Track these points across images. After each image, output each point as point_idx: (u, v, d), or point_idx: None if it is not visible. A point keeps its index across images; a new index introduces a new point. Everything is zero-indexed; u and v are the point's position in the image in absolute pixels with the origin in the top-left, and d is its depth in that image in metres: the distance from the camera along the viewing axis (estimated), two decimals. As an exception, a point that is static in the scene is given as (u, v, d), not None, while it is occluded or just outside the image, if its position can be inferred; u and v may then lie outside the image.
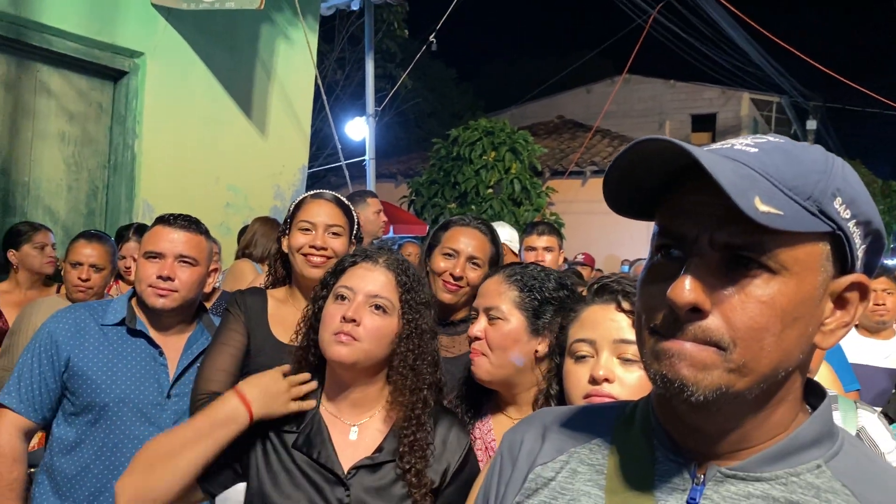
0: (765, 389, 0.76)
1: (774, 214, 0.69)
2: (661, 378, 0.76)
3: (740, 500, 0.77)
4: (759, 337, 0.73)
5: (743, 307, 0.73)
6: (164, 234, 2.18)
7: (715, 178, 0.68)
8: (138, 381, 2.12)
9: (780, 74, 19.01)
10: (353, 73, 13.90)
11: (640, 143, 0.74)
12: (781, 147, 0.78)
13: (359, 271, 1.62)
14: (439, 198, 11.82)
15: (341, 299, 1.59)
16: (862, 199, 0.77)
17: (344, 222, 2.30)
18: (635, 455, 0.86)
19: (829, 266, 0.76)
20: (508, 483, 0.94)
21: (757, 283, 0.73)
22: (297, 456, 1.55)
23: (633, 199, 0.82)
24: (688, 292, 0.73)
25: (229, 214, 5.62)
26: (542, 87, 18.91)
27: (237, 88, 5.81)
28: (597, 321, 1.39)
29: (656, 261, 0.80)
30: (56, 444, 2.11)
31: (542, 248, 3.79)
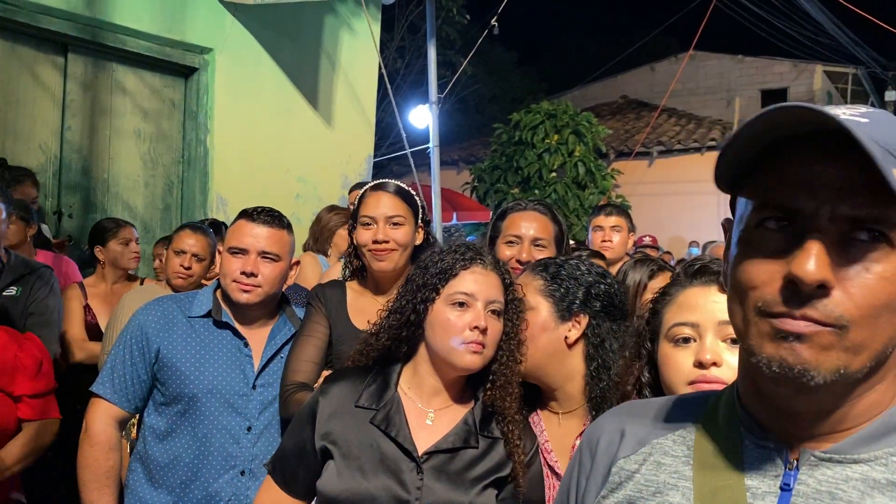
0: (874, 369, 0.73)
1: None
2: (778, 363, 0.72)
3: (839, 483, 0.74)
4: (877, 314, 0.70)
5: (864, 283, 0.70)
6: (248, 230, 2.20)
7: (867, 150, 0.64)
8: (225, 372, 2.16)
9: (856, 44, 18.16)
10: (414, 62, 13.92)
11: (773, 112, 0.70)
12: (886, 117, 0.74)
13: (473, 276, 1.64)
14: (502, 183, 11.76)
15: (461, 306, 1.61)
16: None
17: (405, 210, 2.28)
18: (722, 443, 0.83)
19: None
20: (589, 478, 0.92)
21: (878, 256, 0.70)
22: (375, 433, 1.58)
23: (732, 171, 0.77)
24: (817, 268, 0.69)
25: (299, 205, 5.71)
26: (605, 67, 18.55)
27: (303, 80, 5.89)
28: (698, 303, 1.34)
29: (758, 234, 0.75)
30: (148, 432, 2.17)
31: (609, 228, 3.71)
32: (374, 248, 2.24)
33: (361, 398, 1.63)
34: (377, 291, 2.31)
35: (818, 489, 0.75)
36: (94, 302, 3.77)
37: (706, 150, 13.91)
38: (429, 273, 1.66)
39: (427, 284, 1.64)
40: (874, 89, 22.10)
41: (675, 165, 13.80)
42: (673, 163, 13.81)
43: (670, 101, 14.38)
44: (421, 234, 2.34)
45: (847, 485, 0.74)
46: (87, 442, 2.12)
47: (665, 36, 19.59)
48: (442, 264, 1.65)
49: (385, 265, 2.24)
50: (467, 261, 1.65)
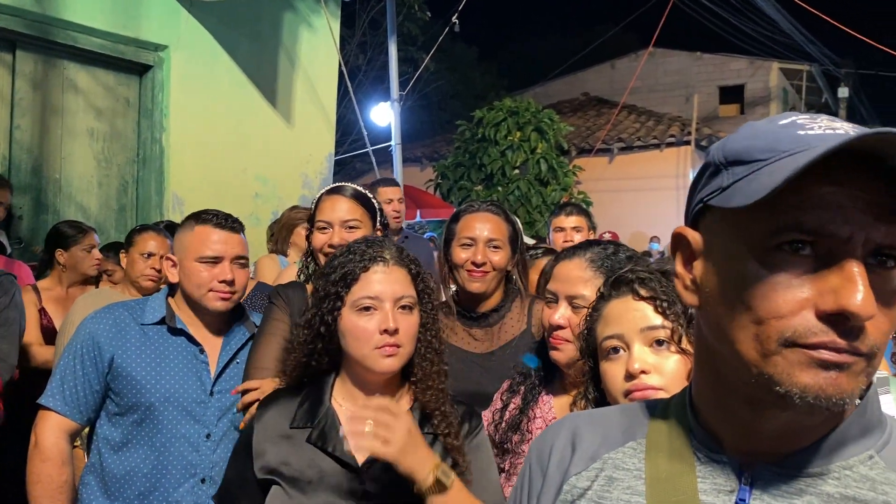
0: None
1: None
2: (815, 394, 0.68)
3: (793, 498, 0.74)
4: (888, 340, 0.70)
5: (889, 312, 0.69)
6: (219, 237, 2.17)
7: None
8: (182, 380, 2.12)
9: (810, 42, 18.57)
10: (375, 58, 13.84)
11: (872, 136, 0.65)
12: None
13: (376, 276, 1.59)
14: (465, 180, 11.77)
15: (367, 310, 1.57)
16: None
17: (361, 214, 2.26)
18: (674, 456, 0.81)
19: None
20: (540, 495, 0.90)
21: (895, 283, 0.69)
22: (312, 451, 1.55)
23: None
24: (868, 302, 0.66)
25: (258, 205, 5.64)
26: (566, 64, 18.69)
27: (261, 78, 5.81)
28: (620, 315, 1.35)
29: (778, 258, 0.70)
30: (102, 444, 2.11)
31: (570, 229, 3.74)
32: (329, 251, 2.22)
33: (296, 419, 1.59)
34: None
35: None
36: (49, 305, 3.70)
37: (665, 147, 14.12)
38: (330, 281, 1.60)
39: (330, 294, 1.59)
40: (827, 86, 22.63)
41: (636, 162, 13.98)
42: (633, 159, 13.98)
43: (630, 97, 14.54)
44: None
45: (801, 500, 0.74)
46: (38, 457, 2.05)
47: (625, 33, 19.82)
48: (342, 270, 1.60)
49: None
50: (367, 261, 1.59)
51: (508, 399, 1.92)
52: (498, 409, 1.92)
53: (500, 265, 2.34)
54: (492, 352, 2.27)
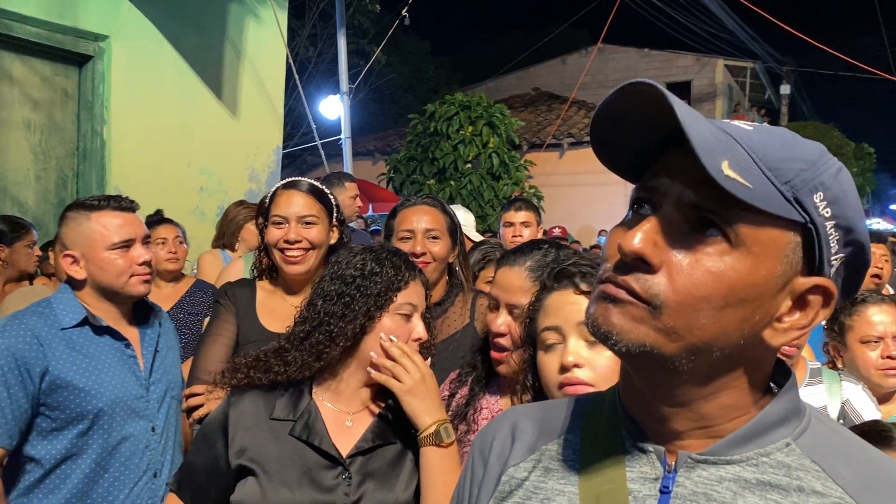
0: (700, 366, 0.75)
1: (740, 183, 0.67)
2: (592, 322, 0.76)
3: (713, 484, 0.77)
4: (697, 306, 0.71)
5: (690, 272, 0.72)
6: (123, 220, 2.11)
7: (686, 130, 0.66)
8: (121, 379, 2.06)
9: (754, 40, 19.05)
10: (326, 50, 13.71)
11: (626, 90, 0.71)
12: (778, 133, 0.76)
13: (417, 287, 1.64)
14: (418, 174, 11.76)
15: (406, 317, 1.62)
16: (848, 205, 0.75)
17: (318, 210, 2.24)
18: (606, 447, 0.85)
19: (796, 260, 0.74)
20: (481, 486, 0.92)
21: (711, 251, 0.72)
22: (295, 444, 1.54)
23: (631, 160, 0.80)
24: (637, 242, 0.72)
25: (203, 199, 5.54)
26: (518, 59, 18.80)
27: (207, 69, 5.70)
28: (559, 307, 1.38)
29: (628, 215, 0.79)
30: (33, 467, 1.96)
31: (519, 224, 3.81)
32: (285, 247, 2.20)
33: (276, 410, 1.57)
34: (288, 292, 2.28)
35: (694, 491, 0.77)
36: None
37: (615, 142, 14.28)
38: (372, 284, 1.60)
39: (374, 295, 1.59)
40: (770, 83, 23.24)
41: (585, 157, 14.13)
42: (583, 154, 14.15)
43: (580, 93, 14.70)
44: (335, 233, 2.31)
45: (721, 486, 0.77)
46: None
47: (576, 29, 20.03)
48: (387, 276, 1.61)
49: (299, 268, 2.21)
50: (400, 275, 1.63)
51: (455, 389, 1.95)
52: (445, 398, 1.95)
53: (441, 255, 2.35)
54: (433, 345, 2.29)
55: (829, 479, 0.76)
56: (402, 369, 1.55)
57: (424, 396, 1.55)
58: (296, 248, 2.20)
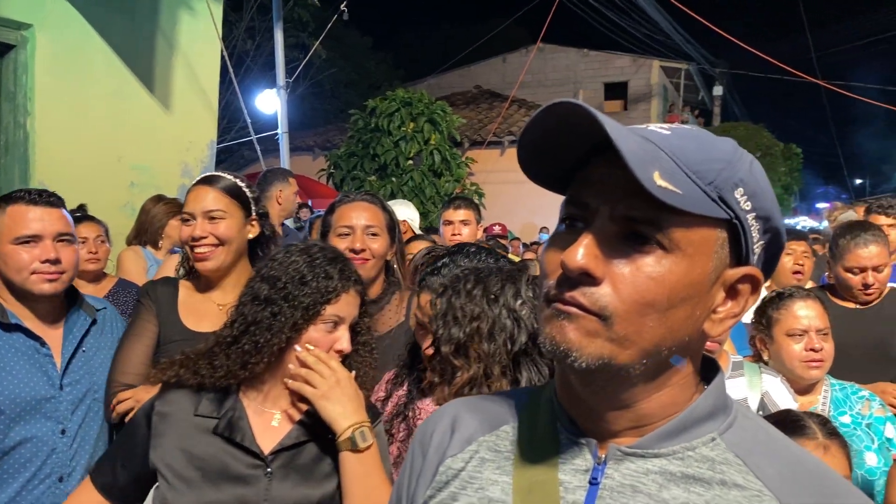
0: (650, 367, 0.78)
1: (672, 191, 0.70)
2: (549, 341, 0.77)
3: (640, 476, 0.79)
4: (644, 312, 0.74)
5: (633, 280, 0.74)
6: (34, 215, 2.02)
7: (617, 146, 0.68)
8: (26, 378, 1.98)
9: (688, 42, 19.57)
10: (265, 44, 13.47)
11: (554, 108, 0.74)
12: (694, 134, 0.79)
13: (348, 299, 1.62)
14: (359, 170, 11.67)
15: (329, 330, 1.60)
16: (764, 196, 0.79)
17: (227, 204, 2.19)
18: (540, 439, 0.86)
19: (724, 254, 0.78)
20: (419, 477, 0.94)
21: (649, 259, 0.74)
22: (218, 442, 1.55)
23: (556, 172, 0.82)
24: (580, 257, 0.74)
25: (134, 194, 5.36)
26: (459, 56, 18.85)
27: (137, 61, 5.53)
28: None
29: (559, 230, 0.81)
30: None
31: (458, 222, 3.80)
32: (193, 244, 2.17)
33: (200, 406, 1.57)
34: (208, 289, 2.25)
35: (622, 482, 0.79)
36: None
37: (554, 140, 14.47)
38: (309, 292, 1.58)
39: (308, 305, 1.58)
40: (704, 84, 23.92)
41: (526, 154, 14.29)
42: (523, 152, 14.27)
43: (521, 92, 14.85)
44: (255, 227, 2.27)
45: (647, 478, 0.79)
46: None
47: (517, 28, 20.19)
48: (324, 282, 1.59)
49: (207, 265, 2.18)
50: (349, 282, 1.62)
51: (392, 391, 1.95)
52: (381, 398, 1.94)
53: (380, 252, 2.34)
54: (383, 335, 2.27)
55: (750, 474, 0.78)
56: (317, 375, 1.55)
57: (340, 400, 1.54)
58: (202, 245, 2.16)
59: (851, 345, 2.76)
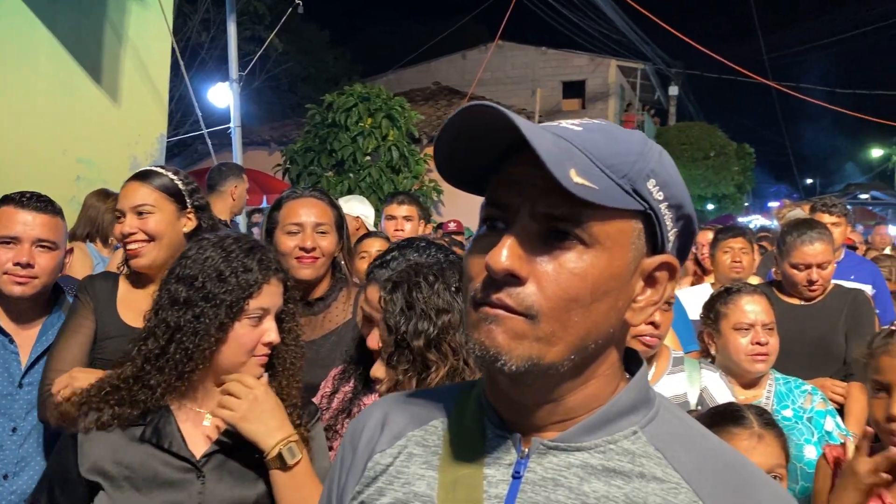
0: (577, 362, 0.78)
1: (589, 187, 0.71)
2: (478, 346, 0.77)
3: (561, 470, 0.80)
4: (568, 307, 0.75)
5: (556, 277, 0.75)
6: (18, 217, 2.05)
7: (533, 146, 0.69)
8: None
9: (645, 42, 19.85)
10: (220, 36, 13.23)
11: (469, 110, 0.74)
12: (605, 128, 0.80)
13: (271, 289, 1.57)
14: (315, 166, 11.54)
15: (255, 324, 1.55)
16: (675, 184, 0.80)
17: (156, 199, 2.16)
18: (468, 433, 0.87)
19: (641, 244, 0.79)
20: (349, 472, 0.94)
21: (571, 255, 0.75)
22: (146, 449, 1.50)
23: (473, 174, 0.82)
24: (504, 258, 0.74)
25: (80, 188, 5.21)
26: (419, 52, 18.81)
27: (85, 53, 5.39)
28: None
29: (481, 232, 0.81)
30: None
31: (401, 218, 3.78)
32: (125, 241, 2.15)
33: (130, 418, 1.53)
34: (148, 284, 2.22)
35: (544, 476, 0.80)
36: None
37: (512, 137, 14.55)
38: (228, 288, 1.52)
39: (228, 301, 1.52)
40: (660, 84, 24.30)
41: (484, 151, 14.34)
42: (481, 149, 14.31)
43: (480, 89, 14.89)
44: (191, 220, 2.23)
45: (569, 471, 0.80)
46: None
47: (477, 24, 20.23)
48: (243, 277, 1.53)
49: (140, 261, 2.16)
50: (268, 273, 1.57)
51: (338, 386, 1.93)
52: (327, 393, 1.93)
53: (329, 250, 2.32)
54: (313, 340, 2.25)
55: (669, 466, 0.80)
56: (231, 398, 1.49)
57: (260, 419, 1.49)
58: (133, 241, 2.13)
59: (795, 340, 2.82)
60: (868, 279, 3.97)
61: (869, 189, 28.98)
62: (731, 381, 2.36)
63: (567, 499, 0.78)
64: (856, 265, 4.12)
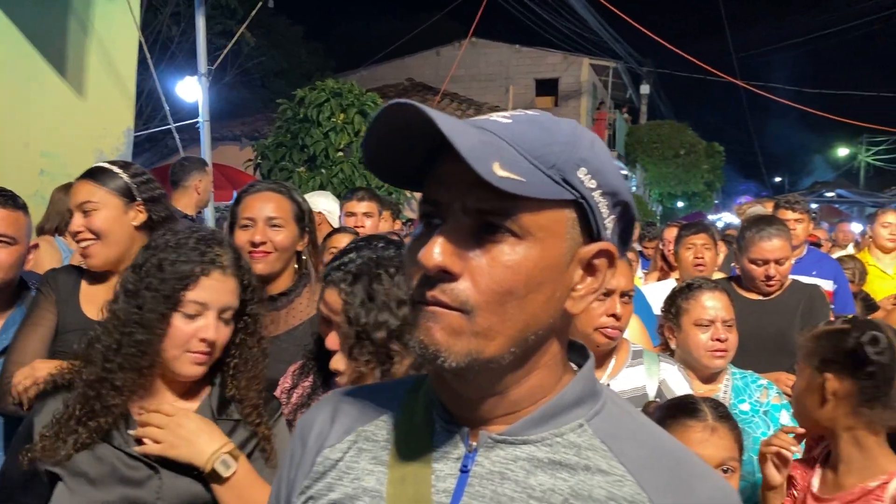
0: (518, 354, 0.78)
1: (515, 180, 0.71)
2: (419, 344, 0.77)
3: (508, 463, 0.80)
4: (503, 301, 0.75)
5: (490, 271, 0.75)
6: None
7: (452, 142, 0.69)
8: None
9: (616, 41, 20.00)
10: (190, 30, 13.07)
11: (391, 109, 0.74)
12: (535, 119, 0.80)
13: (211, 283, 1.53)
14: (287, 161, 11.46)
15: (191, 317, 1.51)
16: (608, 171, 0.80)
17: (101, 195, 2.14)
18: (417, 428, 0.87)
19: (576, 233, 0.79)
20: (298, 467, 0.93)
21: (503, 248, 0.75)
22: (101, 449, 1.49)
23: (409, 171, 0.82)
24: (437, 255, 0.74)
25: (44, 182, 5.12)
26: (392, 48, 18.74)
27: (48, 44, 5.29)
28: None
29: (418, 230, 0.81)
30: None
31: (361, 214, 3.69)
32: (76, 239, 2.14)
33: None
34: (108, 278, 2.20)
35: (491, 469, 0.80)
36: None
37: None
38: (164, 277, 1.51)
39: (159, 290, 1.50)
40: (632, 82, 24.49)
41: (456, 148, 14.33)
42: (454, 145, 14.31)
43: (454, 86, 14.88)
44: (141, 213, 2.21)
45: (515, 465, 0.80)
46: None
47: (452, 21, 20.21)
48: (180, 266, 1.51)
49: (92, 262, 2.15)
50: (207, 264, 1.53)
51: (297, 381, 1.92)
52: (287, 389, 1.92)
53: (283, 245, 2.29)
54: (276, 336, 2.23)
55: (614, 459, 0.80)
56: (153, 429, 1.49)
57: (189, 441, 1.49)
58: (81, 240, 2.12)
59: (753, 335, 2.87)
60: (830, 275, 4.05)
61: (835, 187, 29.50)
62: (689, 375, 2.39)
63: (514, 492, 0.78)
64: (818, 261, 4.20)
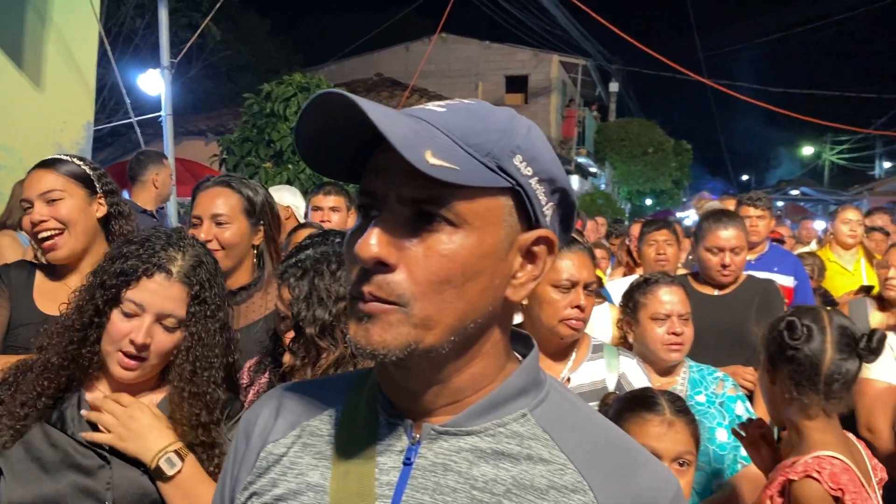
0: (458, 343, 0.78)
1: (447, 168, 0.71)
2: (355, 343, 0.77)
3: (452, 454, 0.80)
4: (440, 290, 0.75)
5: (426, 261, 0.75)
6: None
7: (381, 130, 0.68)
8: None
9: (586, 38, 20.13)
10: (154, 23, 12.85)
11: (320, 99, 0.73)
12: (471, 108, 0.80)
13: (152, 286, 1.52)
14: (253, 156, 11.32)
15: (129, 316, 1.51)
16: (544, 159, 0.80)
17: (64, 185, 2.10)
18: (362, 423, 0.86)
19: (514, 221, 0.79)
20: (242, 462, 0.92)
21: (439, 237, 0.75)
22: (55, 432, 1.50)
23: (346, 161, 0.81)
24: (372, 246, 0.74)
25: (2, 177, 5.02)
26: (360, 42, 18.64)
27: (4, 35, 5.16)
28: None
29: (358, 222, 0.80)
30: None
31: (328, 209, 3.62)
32: (36, 231, 2.08)
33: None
34: (65, 273, 2.17)
35: (434, 461, 0.80)
36: None
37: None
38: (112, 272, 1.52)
39: (105, 284, 1.52)
40: (601, 80, 24.67)
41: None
42: (423, 141, 14.29)
43: (424, 81, 14.86)
44: (102, 205, 2.18)
45: (459, 456, 0.80)
46: None
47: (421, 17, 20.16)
48: (126, 263, 1.52)
49: (59, 254, 2.10)
50: (153, 266, 1.52)
51: (255, 376, 1.92)
52: (243, 386, 1.91)
53: (231, 241, 2.27)
54: (235, 331, 2.22)
55: (556, 448, 0.81)
56: (107, 416, 1.50)
57: (138, 434, 1.50)
58: (44, 230, 2.07)
59: (709, 329, 2.91)
60: (791, 271, 4.12)
61: (799, 185, 30.12)
62: (647, 369, 2.43)
63: (456, 483, 0.78)
64: (780, 258, 4.27)
